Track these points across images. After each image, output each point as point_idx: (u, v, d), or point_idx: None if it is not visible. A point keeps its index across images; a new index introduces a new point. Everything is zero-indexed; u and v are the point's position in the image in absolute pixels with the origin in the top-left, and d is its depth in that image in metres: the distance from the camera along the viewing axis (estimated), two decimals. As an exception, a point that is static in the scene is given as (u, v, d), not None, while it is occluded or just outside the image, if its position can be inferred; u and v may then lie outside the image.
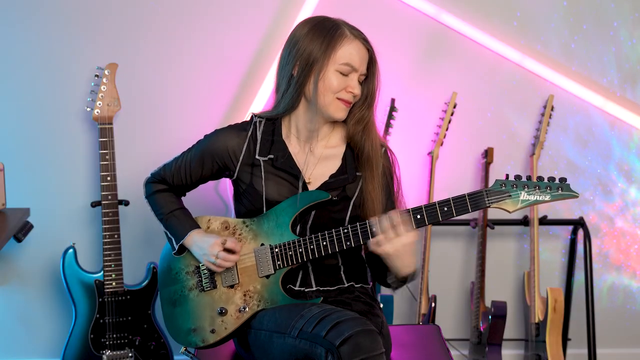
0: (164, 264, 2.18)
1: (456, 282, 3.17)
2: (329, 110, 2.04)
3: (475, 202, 1.94)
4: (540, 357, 2.93)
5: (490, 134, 3.05)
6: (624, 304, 3.23)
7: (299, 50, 2.02)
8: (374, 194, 2.06)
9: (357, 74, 2.03)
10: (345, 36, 2.01)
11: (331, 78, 2.00)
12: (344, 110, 2.05)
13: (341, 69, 2.00)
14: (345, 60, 2.00)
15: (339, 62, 2.00)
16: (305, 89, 2.03)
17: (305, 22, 2.07)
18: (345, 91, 2.02)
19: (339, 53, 2.00)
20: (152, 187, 2.21)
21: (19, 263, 2.97)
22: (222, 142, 2.11)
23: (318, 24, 2.03)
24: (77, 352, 2.75)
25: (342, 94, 2.02)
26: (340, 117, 2.05)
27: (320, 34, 2.01)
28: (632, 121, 3.07)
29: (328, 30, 2.01)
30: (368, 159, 2.07)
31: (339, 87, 2.01)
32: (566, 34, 3.00)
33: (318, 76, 2.00)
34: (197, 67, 2.91)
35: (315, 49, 2.00)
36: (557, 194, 1.93)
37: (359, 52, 2.02)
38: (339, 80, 2.01)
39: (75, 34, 2.85)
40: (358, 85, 2.03)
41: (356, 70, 2.02)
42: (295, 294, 2.07)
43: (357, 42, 2.02)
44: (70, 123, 2.89)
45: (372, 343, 1.80)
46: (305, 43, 2.01)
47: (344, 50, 2.00)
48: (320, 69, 2.00)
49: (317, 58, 2.00)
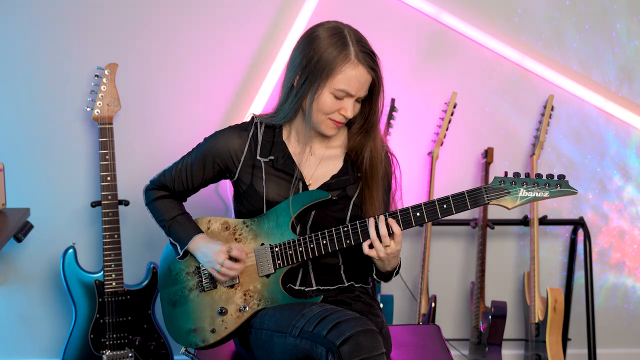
0: (164, 265, 2.18)
1: (456, 282, 3.17)
2: (320, 128, 2.02)
3: (475, 199, 1.95)
4: (540, 357, 2.93)
5: (490, 133, 3.05)
6: (624, 304, 3.23)
7: (302, 60, 1.97)
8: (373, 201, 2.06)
9: (354, 98, 1.98)
10: (349, 60, 1.93)
11: (325, 100, 1.96)
12: (334, 129, 2.02)
13: (336, 93, 1.96)
14: (341, 86, 1.94)
15: (335, 86, 1.94)
16: (302, 102, 2.00)
17: (318, 29, 1.99)
18: (338, 113, 1.99)
19: (337, 77, 1.94)
20: (152, 194, 2.19)
21: (19, 263, 2.97)
22: (224, 143, 2.10)
23: (329, 37, 1.95)
24: (77, 352, 2.75)
25: (334, 115, 1.99)
26: (330, 134, 2.04)
27: (325, 49, 1.94)
28: (632, 121, 3.07)
29: (334, 48, 1.94)
30: (367, 169, 2.06)
31: (331, 110, 1.98)
32: (568, 33, 3.00)
33: (314, 95, 1.96)
34: (197, 67, 2.91)
35: (318, 67, 1.94)
36: (556, 190, 1.93)
37: (358, 80, 1.95)
38: (332, 103, 1.97)
39: (75, 34, 2.85)
40: (352, 107, 1.98)
41: (352, 96, 1.97)
42: (295, 293, 2.07)
43: (360, 69, 1.94)
44: (70, 123, 2.89)
45: (373, 343, 1.80)
46: (310, 55, 1.95)
47: (344, 75, 1.93)
48: (317, 88, 1.95)
49: (317, 77, 1.95)
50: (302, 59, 1.97)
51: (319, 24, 2.01)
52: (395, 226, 1.94)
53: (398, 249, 1.96)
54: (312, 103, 1.97)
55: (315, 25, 2.01)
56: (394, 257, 1.99)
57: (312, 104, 1.97)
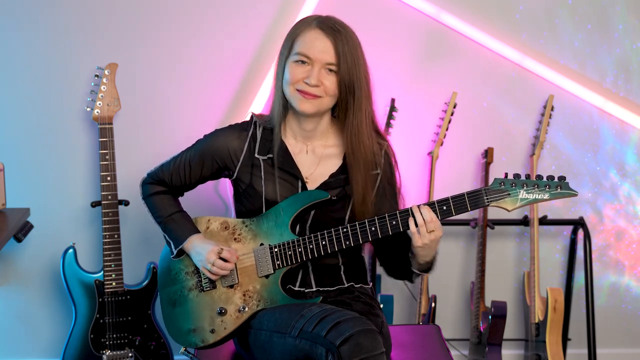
0: (164, 265, 2.18)
1: (456, 282, 3.17)
2: (294, 104, 2.02)
3: (475, 201, 1.95)
4: (540, 357, 2.93)
5: (490, 133, 3.05)
6: (624, 304, 3.22)
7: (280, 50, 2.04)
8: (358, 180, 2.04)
9: (318, 65, 1.97)
10: (308, 26, 1.99)
11: (290, 70, 1.99)
12: (305, 102, 1.99)
13: (297, 58, 1.97)
14: (300, 49, 1.97)
15: (294, 52, 1.98)
16: (282, 85, 2.03)
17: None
18: (302, 81, 1.98)
19: (295, 45, 1.99)
20: (150, 189, 2.19)
21: (19, 263, 2.97)
22: (223, 142, 2.10)
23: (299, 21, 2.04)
24: (77, 352, 2.75)
25: (299, 85, 1.99)
26: (304, 110, 2.00)
27: (293, 30, 2.02)
28: (632, 121, 3.07)
29: (298, 24, 2.01)
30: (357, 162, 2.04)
31: (295, 79, 1.98)
32: (570, 32, 3.00)
33: (283, 70, 2.01)
34: (198, 66, 2.91)
35: (284, 44, 2.02)
36: (556, 192, 1.93)
37: (314, 42, 1.97)
38: (295, 71, 1.98)
39: (75, 34, 2.85)
40: (316, 74, 1.96)
41: (311, 59, 1.97)
42: (295, 294, 2.07)
43: (317, 32, 1.97)
44: (70, 123, 2.89)
45: (373, 343, 1.80)
46: (284, 41, 2.03)
47: (301, 39, 1.98)
48: (284, 64, 2.01)
49: (283, 53, 2.02)
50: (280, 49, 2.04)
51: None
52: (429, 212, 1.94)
53: (440, 235, 1.96)
54: (283, 78, 2.01)
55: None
56: (437, 243, 1.98)
57: (283, 79, 2.01)
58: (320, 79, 1.97)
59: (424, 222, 1.94)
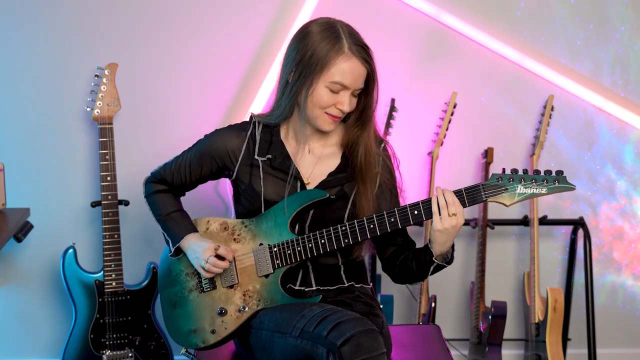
0: (164, 266, 2.18)
1: (456, 282, 3.17)
2: (316, 123, 2.02)
3: (472, 197, 1.95)
4: (540, 357, 2.93)
5: (490, 133, 3.05)
6: (624, 304, 3.22)
7: (297, 56, 1.97)
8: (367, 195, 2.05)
9: (350, 91, 1.98)
10: (342, 53, 1.94)
11: (321, 94, 1.97)
12: (331, 124, 2.02)
13: (332, 86, 1.96)
14: (336, 79, 1.95)
15: (330, 79, 1.95)
16: (298, 98, 2.01)
17: (311, 25, 2.01)
18: (335, 107, 1.99)
19: (332, 70, 1.94)
20: (152, 187, 2.21)
21: (19, 263, 2.97)
22: (222, 142, 2.11)
23: (321, 32, 1.96)
24: (77, 352, 2.75)
25: (330, 110, 1.99)
26: (328, 130, 2.04)
27: (318, 44, 1.95)
28: (632, 121, 3.07)
29: (327, 42, 1.94)
30: (362, 162, 2.05)
31: (327, 104, 1.98)
32: (571, 31, 3.00)
33: (309, 90, 1.97)
34: (198, 67, 2.91)
35: (311, 61, 1.95)
36: (554, 186, 1.93)
37: (353, 72, 1.95)
38: (328, 96, 1.97)
39: (75, 34, 2.85)
40: (349, 101, 1.98)
41: (348, 88, 1.97)
42: (295, 294, 2.07)
43: (353, 61, 1.95)
44: (70, 123, 2.89)
45: (374, 343, 1.80)
46: (304, 50, 1.96)
47: (338, 68, 1.94)
48: (311, 82, 1.96)
49: (311, 71, 1.95)
50: (295, 54, 1.98)
51: (311, 20, 2.03)
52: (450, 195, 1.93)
53: (462, 222, 1.94)
54: (307, 98, 1.98)
55: (308, 22, 2.04)
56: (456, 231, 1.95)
57: (307, 98, 1.98)
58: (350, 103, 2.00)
59: (446, 204, 1.93)
